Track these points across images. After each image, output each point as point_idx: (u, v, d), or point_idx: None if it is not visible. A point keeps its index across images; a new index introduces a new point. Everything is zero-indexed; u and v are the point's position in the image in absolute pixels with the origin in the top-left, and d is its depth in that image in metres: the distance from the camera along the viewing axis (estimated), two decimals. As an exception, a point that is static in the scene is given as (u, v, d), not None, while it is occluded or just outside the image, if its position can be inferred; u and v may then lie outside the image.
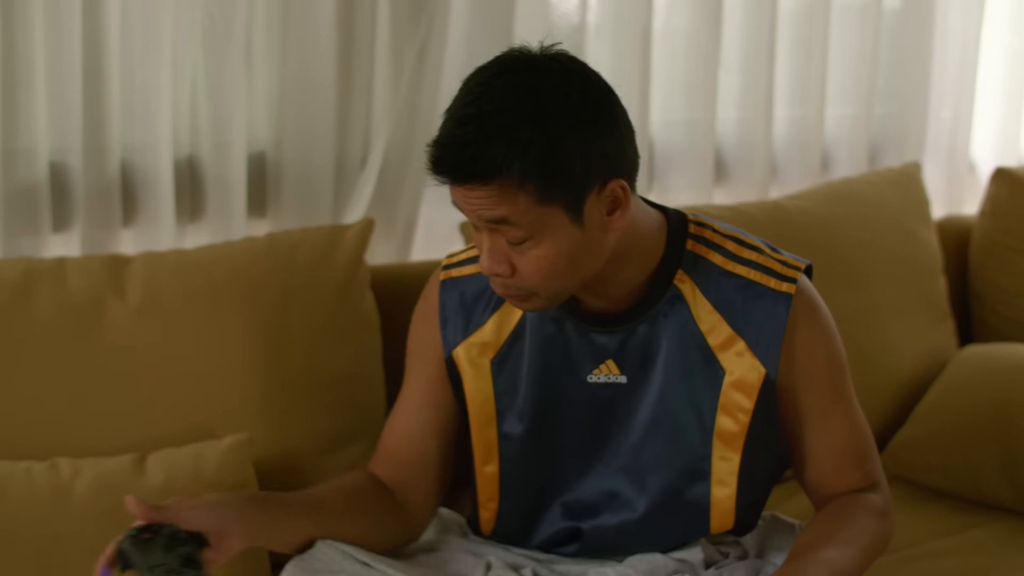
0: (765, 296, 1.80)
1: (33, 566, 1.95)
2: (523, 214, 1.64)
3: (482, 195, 1.64)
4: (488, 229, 1.68)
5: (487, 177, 1.62)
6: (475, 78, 1.68)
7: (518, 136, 1.61)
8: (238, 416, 2.17)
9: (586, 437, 1.87)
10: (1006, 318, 3.02)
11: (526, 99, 1.63)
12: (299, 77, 2.48)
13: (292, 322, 2.23)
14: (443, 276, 1.92)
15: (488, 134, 1.62)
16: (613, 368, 1.84)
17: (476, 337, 1.89)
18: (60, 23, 2.28)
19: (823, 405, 1.86)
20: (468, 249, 1.94)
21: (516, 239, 1.66)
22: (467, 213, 1.68)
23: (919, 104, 3.23)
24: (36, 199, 2.32)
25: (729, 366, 1.81)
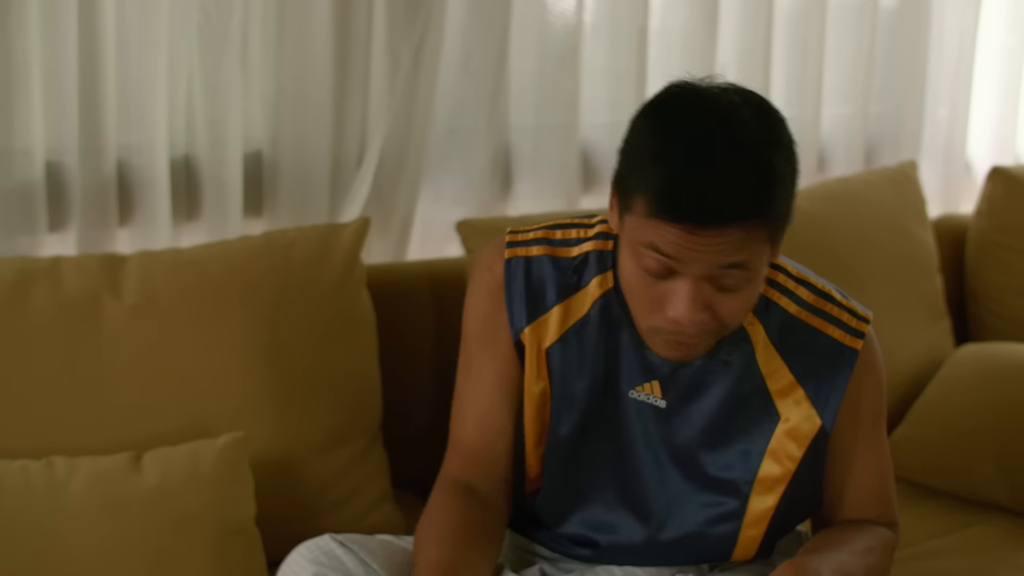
0: (832, 349, 1.78)
1: (29, 564, 1.95)
2: (757, 256, 1.60)
3: (727, 239, 1.56)
4: (700, 279, 1.60)
5: (750, 215, 1.56)
6: (690, 116, 1.60)
7: (779, 170, 1.58)
8: (234, 414, 2.16)
9: (618, 451, 1.84)
10: (1002, 317, 3.03)
11: (768, 133, 1.60)
12: (295, 76, 2.48)
13: (288, 321, 2.23)
14: (508, 254, 1.85)
15: (758, 171, 1.57)
16: (656, 390, 1.80)
17: (540, 323, 1.82)
18: (56, 23, 2.28)
19: (859, 445, 1.84)
20: (534, 228, 1.87)
21: (736, 284, 1.61)
22: (696, 263, 1.58)
23: (915, 103, 3.23)
24: (32, 198, 2.32)
25: (785, 412, 1.79)
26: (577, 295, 1.82)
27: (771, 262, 1.70)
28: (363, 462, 2.29)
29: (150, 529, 1.98)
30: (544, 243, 1.85)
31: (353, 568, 1.77)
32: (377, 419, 2.33)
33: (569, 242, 1.84)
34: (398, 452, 2.40)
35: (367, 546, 1.82)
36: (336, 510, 2.24)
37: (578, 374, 1.82)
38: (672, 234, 1.57)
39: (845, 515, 1.88)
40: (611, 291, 1.80)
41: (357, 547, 1.81)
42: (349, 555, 1.79)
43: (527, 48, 2.72)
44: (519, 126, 2.77)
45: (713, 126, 1.58)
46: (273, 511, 2.13)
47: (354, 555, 1.79)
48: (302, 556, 1.79)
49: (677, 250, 1.58)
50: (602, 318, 1.80)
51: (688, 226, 1.56)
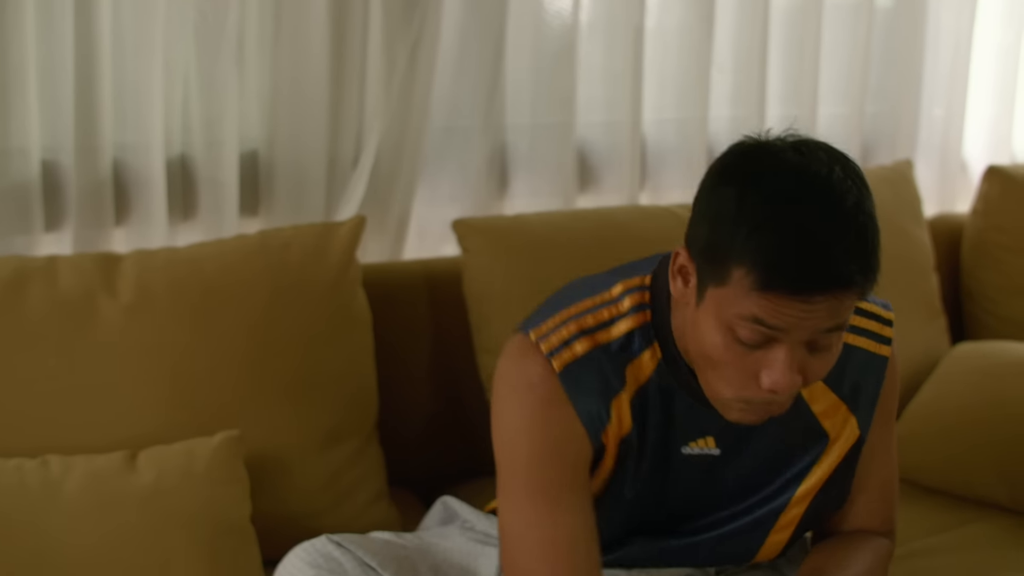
0: (867, 361, 1.78)
1: (24, 563, 1.95)
2: (850, 314, 1.58)
3: (836, 305, 1.53)
4: (800, 344, 1.56)
5: (857, 284, 1.53)
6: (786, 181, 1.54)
7: (877, 227, 1.56)
8: (229, 413, 2.16)
9: (673, 500, 1.81)
10: (998, 316, 3.03)
11: (861, 189, 1.56)
12: (291, 76, 2.48)
13: (284, 320, 2.23)
14: (557, 364, 1.69)
15: (865, 234, 1.54)
16: (710, 443, 1.76)
17: (614, 416, 1.72)
18: (52, 22, 2.28)
19: (879, 446, 1.84)
20: (559, 324, 1.72)
21: (831, 343, 1.58)
22: (801, 329, 1.54)
23: (911, 102, 3.23)
24: (28, 198, 2.32)
25: (834, 432, 1.78)
26: (633, 375, 1.72)
27: None
28: (359, 461, 2.29)
29: (145, 528, 1.99)
30: (582, 335, 1.71)
31: (352, 570, 1.77)
32: (373, 418, 2.33)
33: (604, 324, 1.73)
34: (394, 451, 2.40)
35: (365, 545, 1.82)
36: (332, 509, 2.24)
37: (641, 449, 1.76)
38: (782, 305, 1.51)
39: (853, 517, 1.87)
40: (662, 362, 1.72)
41: (355, 547, 1.81)
42: (347, 556, 1.79)
43: (523, 47, 2.72)
44: (515, 125, 2.77)
45: (814, 190, 1.53)
46: (269, 510, 2.13)
47: (352, 556, 1.79)
48: (299, 559, 1.79)
49: (783, 320, 1.52)
50: (657, 388, 1.73)
51: (801, 296, 1.51)
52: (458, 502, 2.03)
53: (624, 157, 2.84)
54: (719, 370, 1.60)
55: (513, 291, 2.44)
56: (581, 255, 2.49)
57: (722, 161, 1.62)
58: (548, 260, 2.47)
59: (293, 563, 1.79)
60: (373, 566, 1.79)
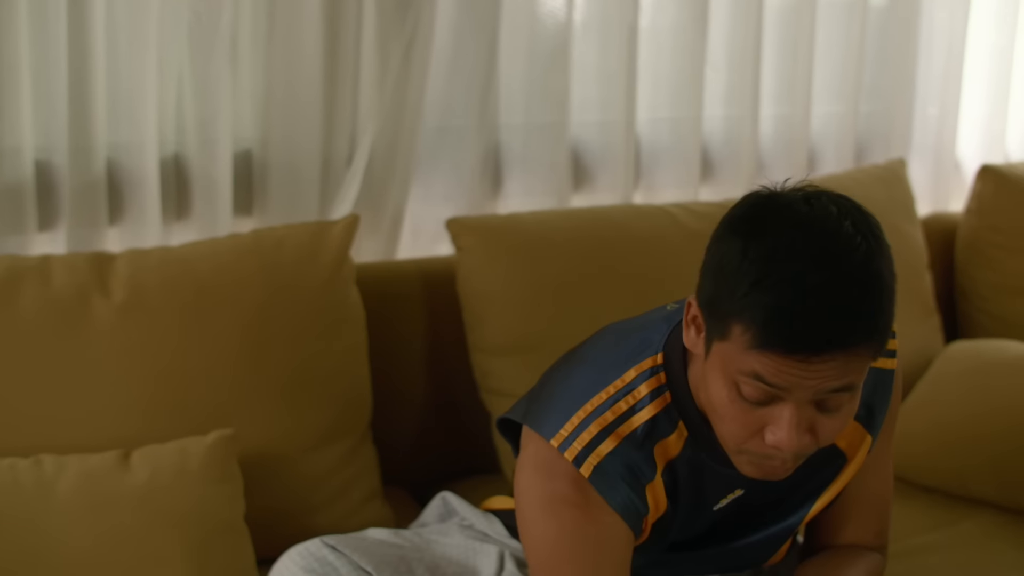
0: (876, 378, 1.75)
1: (17, 562, 1.95)
2: (863, 374, 1.53)
3: (838, 363, 1.48)
4: (799, 401, 1.52)
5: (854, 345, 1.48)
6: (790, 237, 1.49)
7: (891, 287, 1.52)
8: (223, 412, 2.16)
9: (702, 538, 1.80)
10: (992, 315, 3.03)
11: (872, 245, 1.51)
12: (285, 75, 2.48)
13: (277, 319, 2.23)
14: (585, 470, 1.64)
15: (873, 295, 1.49)
16: (738, 492, 1.75)
17: (651, 502, 1.69)
18: (45, 22, 2.28)
19: (874, 457, 1.83)
20: (582, 425, 1.67)
21: (840, 405, 1.54)
22: (803, 389, 1.50)
23: (905, 101, 3.23)
24: (21, 198, 2.32)
25: (851, 452, 1.77)
26: (662, 458, 1.69)
27: None
28: (353, 460, 2.29)
29: (139, 527, 1.98)
30: (606, 433, 1.66)
31: (347, 574, 1.77)
32: (367, 417, 2.33)
33: (624, 416, 1.68)
34: (388, 450, 2.40)
35: (359, 547, 1.82)
36: (326, 508, 2.24)
37: (673, 515, 1.74)
38: (780, 364, 1.48)
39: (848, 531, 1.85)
40: (689, 439, 1.69)
41: (349, 550, 1.81)
42: (342, 560, 1.79)
43: (517, 47, 2.72)
44: (509, 125, 2.77)
45: (817, 246, 1.48)
46: (262, 509, 2.13)
47: (347, 559, 1.79)
48: (294, 563, 1.79)
49: (784, 379, 1.49)
50: (687, 464, 1.70)
51: (798, 356, 1.47)
52: (457, 499, 2.03)
53: (618, 156, 2.84)
54: (727, 424, 1.57)
55: (507, 290, 2.44)
56: (575, 254, 2.49)
57: (732, 212, 1.57)
58: (542, 259, 2.47)
59: (287, 566, 1.79)
60: (368, 570, 1.78)
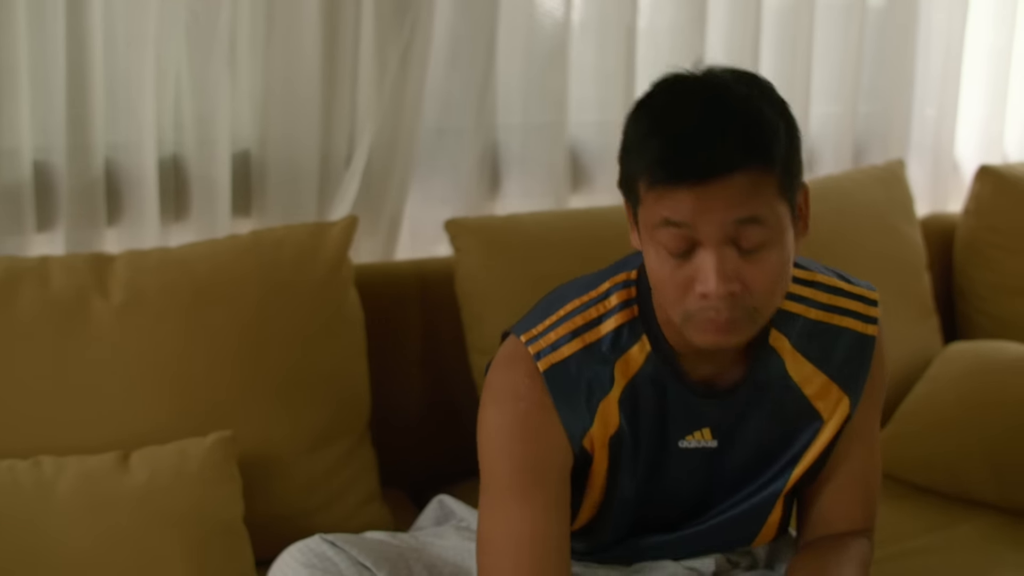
0: (854, 341, 1.79)
1: (17, 564, 1.95)
2: (771, 210, 1.57)
3: (732, 189, 1.54)
4: (720, 243, 1.56)
5: (739, 163, 1.54)
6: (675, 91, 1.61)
7: (770, 119, 1.58)
8: (222, 413, 2.16)
9: (674, 494, 1.82)
10: (990, 315, 3.03)
11: (758, 88, 1.61)
12: (283, 75, 2.48)
13: (276, 320, 2.23)
14: (543, 365, 1.71)
15: (749, 115, 1.57)
16: (707, 435, 1.77)
17: (600, 414, 1.73)
18: (44, 22, 2.28)
19: (862, 432, 1.85)
20: (551, 326, 1.74)
21: (756, 244, 1.57)
22: (707, 222, 1.55)
23: (903, 102, 3.24)
24: (20, 198, 2.32)
25: (827, 413, 1.79)
26: (622, 372, 1.74)
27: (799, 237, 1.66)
28: (351, 461, 2.29)
29: (138, 528, 1.98)
30: (572, 336, 1.73)
31: (346, 569, 1.77)
32: (365, 418, 2.33)
33: (592, 323, 1.74)
34: (386, 451, 2.40)
35: (359, 544, 1.82)
36: (324, 509, 2.24)
37: (637, 445, 1.77)
38: (680, 198, 1.55)
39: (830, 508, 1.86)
40: (651, 354, 1.73)
41: (349, 546, 1.80)
42: (341, 556, 1.79)
43: (515, 47, 2.72)
44: (507, 125, 2.77)
45: (699, 92, 1.59)
46: (261, 510, 2.13)
47: (346, 555, 1.79)
48: (294, 559, 1.79)
49: (688, 214, 1.55)
50: (648, 383, 1.74)
51: (692, 184, 1.54)
52: (454, 501, 2.03)
53: (616, 157, 2.83)
54: (664, 290, 1.62)
55: (505, 291, 2.44)
56: (573, 255, 2.49)
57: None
58: (540, 260, 2.47)
59: (287, 563, 1.79)
60: (367, 565, 1.78)
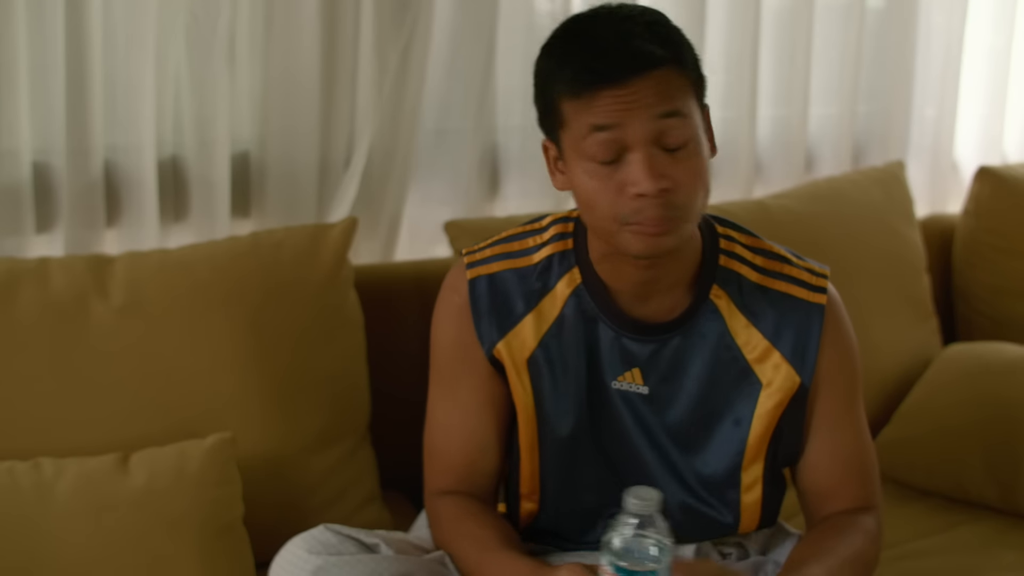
0: (799, 308, 1.83)
1: (16, 566, 1.95)
2: (689, 107, 1.69)
3: (655, 85, 1.65)
4: (647, 143, 1.66)
5: (657, 61, 1.66)
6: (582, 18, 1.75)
7: (672, 31, 1.72)
8: (222, 415, 2.16)
9: (613, 447, 1.86)
10: (989, 317, 3.03)
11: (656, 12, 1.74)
12: (283, 77, 2.47)
13: (275, 321, 2.23)
14: (471, 274, 1.87)
15: (654, 23, 1.70)
16: (637, 377, 1.83)
17: (514, 335, 1.85)
18: (43, 23, 2.27)
19: (838, 413, 1.87)
20: (489, 245, 1.90)
21: (679, 138, 1.67)
22: (635, 120, 1.65)
23: (903, 103, 3.24)
24: (19, 199, 2.31)
25: (765, 377, 1.83)
26: (547, 299, 1.85)
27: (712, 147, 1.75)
28: (351, 462, 2.29)
29: (137, 530, 1.98)
30: (503, 257, 1.88)
31: (351, 549, 1.77)
32: (365, 419, 2.33)
33: (528, 251, 1.88)
34: (386, 452, 2.39)
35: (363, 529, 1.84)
36: (324, 510, 2.24)
37: (562, 376, 1.84)
38: (605, 101, 1.65)
39: (828, 490, 1.88)
40: (580, 287, 1.83)
41: (354, 532, 1.81)
42: (346, 542, 1.79)
43: (514, 48, 2.72)
44: (506, 126, 2.77)
45: (602, 14, 1.72)
46: (261, 512, 2.13)
47: (352, 541, 1.79)
48: (297, 547, 1.79)
49: (613, 115, 1.65)
50: (577, 316, 1.83)
51: (616, 84, 1.65)
52: None
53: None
54: (597, 201, 1.70)
55: (505, 292, 2.44)
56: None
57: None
58: (540, 261, 2.47)
59: (291, 551, 1.79)
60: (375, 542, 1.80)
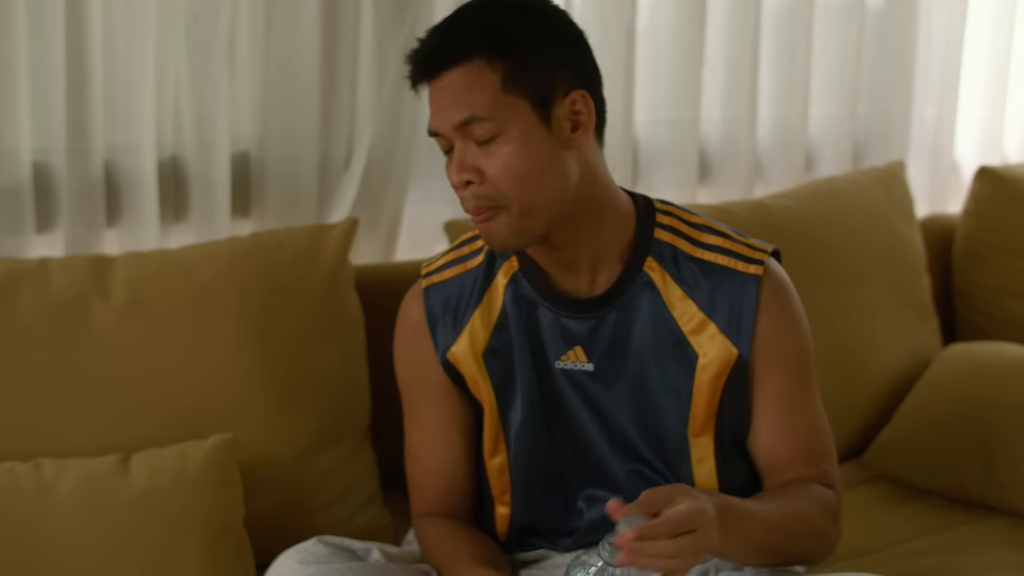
0: (734, 279, 1.84)
1: (17, 567, 1.94)
2: (491, 104, 1.71)
3: (453, 87, 1.71)
4: (457, 137, 1.73)
5: (459, 57, 1.71)
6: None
7: (490, 21, 1.75)
8: (222, 416, 2.16)
9: (566, 424, 1.89)
10: (989, 317, 3.03)
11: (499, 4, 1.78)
12: (283, 77, 2.47)
13: (276, 322, 2.23)
14: (425, 284, 1.94)
15: (461, 22, 1.76)
16: (581, 355, 1.86)
17: (466, 333, 1.90)
18: (43, 23, 2.27)
19: (789, 392, 1.87)
20: (443, 255, 1.97)
21: (484, 135, 1.72)
22: (439, 121, 1.74)
23: (903, 103, 3.24)
24: (19, 199, 2.31)
25: (701, 349, 1.84)
26: (489, 292, 1.89)
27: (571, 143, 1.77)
28: (352, 463, 2.29)
29: (138, 531, 1.98)
30: (454, 264, 1.94)
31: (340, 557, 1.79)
32: (365, 420, 2.33)
33: (476, 252, 1.93)
34: (386, 453, 2.39)
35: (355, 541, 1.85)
36: (325, 511, 2.24)
37: (513, 364, 1.88)
38: (426, 96, 1.77)
39: (782, 465, 1.88)
40: (517, 273, 1.87)
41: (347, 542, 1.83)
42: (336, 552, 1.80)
43: (514, 48, 2.72)
44: (507, 127, 2.76)
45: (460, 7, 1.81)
46: (262, 513, 2.13)
47: (341, 550, 1.81)
48: (289, 559, 1.80)
49: (432, 112, 1.75)
50: (516, 302, 1.87)
51: (426, 81, 1.76)
52: None
53: (615, 158, 2.83)
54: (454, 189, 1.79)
55: (505, 293, 2.44)
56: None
57: None
58: (540, 261, 2.47)
59: (284, 563, 1.80)
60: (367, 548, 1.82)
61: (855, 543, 2.26)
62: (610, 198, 1.84)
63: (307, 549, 1.80)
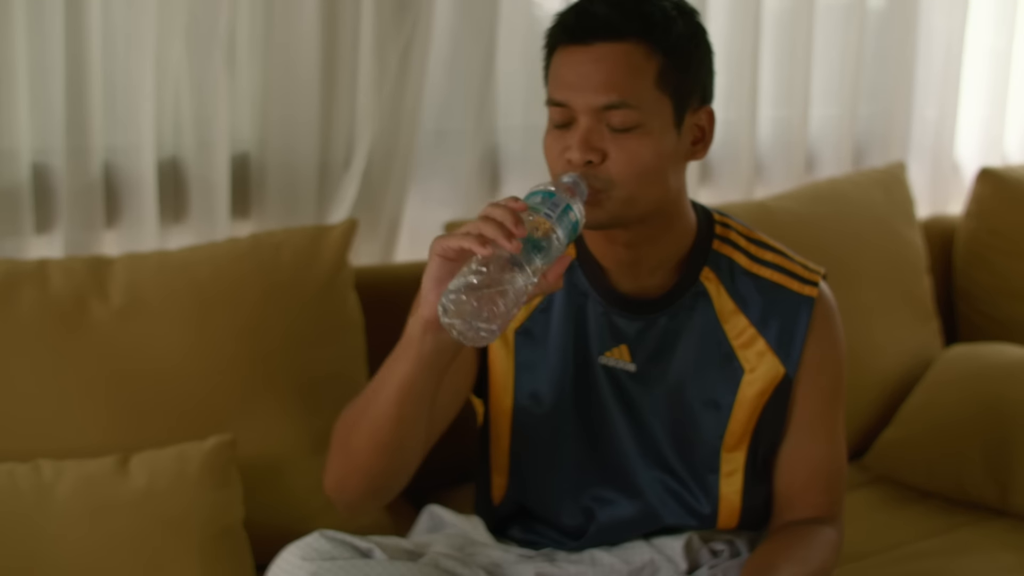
0: (788, 298, 1.85)
1: (16, 568, 1.94)
2: (643, 94, 1.68)
3: (608, 62, 1.66)
4: (590, 116, 1.68)
5: (625, 33, 1.66)
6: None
7: (664, 12, 1.70)
8: (222, 417, 2.16)
9: (597, 420, 1.88)
10: (991, 318, 3.03)
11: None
12: (283, 77, 2.47)
13: (275, 323, 2.23)
14: None
15: (635, 1, 1.70)
16: (625, 354, 1.86)
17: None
18: (42, 23, 2.27)
19: (815, 416, 1.88)
20: None
21: (623, 123, 1.68)
22: (579, 98, 1.68)
23: (903, 104, 3.24)
24: (18, 200, 2.31)
25: (749, 364, 1.84)
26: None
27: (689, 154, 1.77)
28: (351, 465, 2.28)
29: (137, 532, 1.98)
30: None
31: (344, 553, 1.78)
32: (365, 421, 2.33)
33: None
34: (386, 454, 2.39)
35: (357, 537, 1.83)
36: (324, 513, 2.23)
37: (549, 349, 1.87)
38: (563, 60, 1.69)
39: (792, 493, 1.89)
40: (574, 262, 1.85)
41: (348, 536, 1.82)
42: (340, 547, 1.79)
43: (515, 49, 2.72)
44: (507, 127, 2.77)
45: None
46: (261, 514, 2.13)
47: (346, 546, 1.80)
48: (292, 554, 1.79)
49: (568, 81, 1.68)
50: (567, 290, 1.85)
51: (572, 44, 1.68)
52: (443, 510, 2.05)
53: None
54: (548, 162, 1.74)
55: (505, 293, 2.43)
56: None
57: None
58: (540, 262, 2.47)
59: (286, 559, 1.79)
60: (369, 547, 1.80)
61: (856, 545, 2.26)
62: (685, 209, 1.84)
63: (309, 544, 1.80)
